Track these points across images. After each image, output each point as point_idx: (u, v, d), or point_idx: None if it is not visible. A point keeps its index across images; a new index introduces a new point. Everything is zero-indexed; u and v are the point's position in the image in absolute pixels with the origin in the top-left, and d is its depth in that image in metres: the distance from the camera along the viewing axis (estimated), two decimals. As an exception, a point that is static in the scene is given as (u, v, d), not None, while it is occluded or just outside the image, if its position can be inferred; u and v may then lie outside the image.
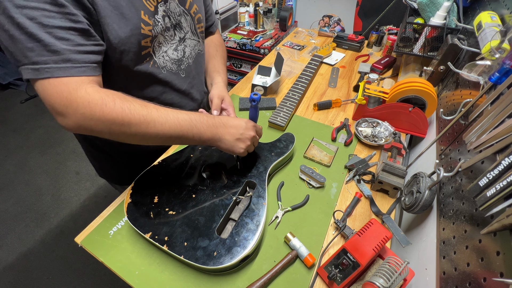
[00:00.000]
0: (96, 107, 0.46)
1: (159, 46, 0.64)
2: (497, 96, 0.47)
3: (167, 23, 0.63)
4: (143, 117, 0.49)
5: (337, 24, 1.57)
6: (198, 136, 0.55)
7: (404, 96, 0.82)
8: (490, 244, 0.37)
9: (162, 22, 0.62)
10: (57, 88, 0.45)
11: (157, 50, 0.64)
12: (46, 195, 1.79)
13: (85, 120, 0.46)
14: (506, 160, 0.35)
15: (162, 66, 0.67)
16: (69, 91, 0.45)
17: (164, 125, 0.51)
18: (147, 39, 0.59)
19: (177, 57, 0.70)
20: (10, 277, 1.41)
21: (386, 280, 0.44)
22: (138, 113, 0.49)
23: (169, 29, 0.65)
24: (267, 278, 0.53)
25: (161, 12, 0.61)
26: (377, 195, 0.71)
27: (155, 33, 0.60)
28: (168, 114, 0.52)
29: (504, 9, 0.64)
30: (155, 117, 0.50)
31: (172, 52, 0.68)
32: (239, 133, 0.59)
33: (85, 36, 0.47)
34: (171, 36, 0.66)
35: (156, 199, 0.62)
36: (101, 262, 0.58)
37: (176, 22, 0.67)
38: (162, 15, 0.61)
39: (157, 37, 0.62)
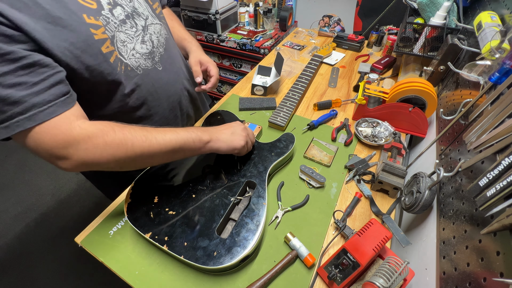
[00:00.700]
0: (98, 139, 0.45)
1: (123, 45, 0.57)
2: (497, 96, 0.47)
3: (119, 15, 0.56)
4: (144, 136, 0.49)
5: (337, 24, 1.57)
6: (198, 139, 0.55)
7: (404, 96, 0.82)
8: (490, 244, 0.37)
9: (112, 17, 0.54)
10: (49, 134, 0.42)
11: (124, 51, 0.58)
12: (46, 195, 1.79)
13: (89, 155, 0.45)
14: (506, 160, 0.35)
15: (136, 66, 0.61)
16: (63, 133, 0.43)
17: (165, 138, 0.51)
18: (106, 43, 0.52)
19: (147, 50, 0.64)
20: (10, 277, 1.41)
21: (386, 280, 0.44)
22: (139, 134, 0.49)
23: (125, 21, 0.57)
24: (267, 278, 0.53)
25: (106, 5, 0.53)
26: (377, 195, 0.71)
27: (111, 32, 0.54)
28: (165, 128, 0.53)
29: (504, 9, 0.64)
30: (155, 133, 0.51)
31: (141, 46, 0.62)
32: (231, 131, 0.63)
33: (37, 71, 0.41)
34: (131, 27, 0.59)
35: (156, 199, 0.62)
36: (101, 262, 0.58)
37: (130, 10, 0.59)
38: (109, 9, 0.54)
39: (115, 36, 0.55)
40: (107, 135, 0.46)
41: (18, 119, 0.39)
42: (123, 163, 0.49)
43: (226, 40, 1.87)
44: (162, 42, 0.69)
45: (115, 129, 0.47)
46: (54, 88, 0.43)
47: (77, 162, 0.45)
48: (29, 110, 0.40)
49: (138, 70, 0.62)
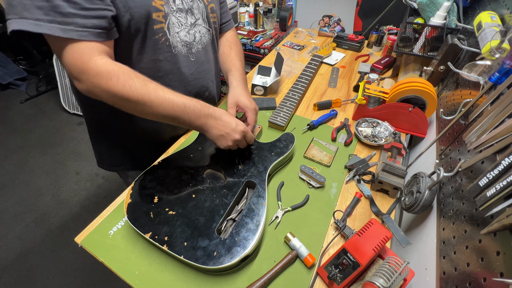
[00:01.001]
0: (102, 79, 0.51)
1: (172, 27, 0.65)
2: (497, 96, 0.47)
3: (178, 4, 0.64)
4: (141, 96, 0.54)
5: (337, 24, 1.57)
6: (188, 122, 0.60)
7: (404, 96, 0.82)
8: (490, 244, 0.37)
9: (172, 3, 0.63)
10: (73, 56, 0.50)
11: (171, 29, 0.65)
12: (46, 195, 1.79)
13: (94, 88, 0.52)
14: (506, 160, 0.35)
15: (174, 45, 0.68)
16: (82, 61, 0.50)
17: (159, 107, 0.56)
18: (159, 13, 0.60)
19: (188, 39, 0.70)
20: (10, 277, 1.41)
21: (386, 280, 0.44)
22: (137, 92, 0.53)
23: (182, 11, 0.65)
24: (267, 278, 0.53)
25: None
26: (377, 195, 0.71)
27: (168, 10, 0.61)
28: (165, 96, 0.56)
29: (504, 9, 0.64)
30: (153, 98, 0.55)
31: (185, 34, 0.68)
32: (225, 131, 0.62)
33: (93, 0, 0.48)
34: (184, 18, 0.67)
35: (156, 199, 0.62)
36: (101, 262, 0.58)
37: (188, 7, 0.67)
38: None
39: (169, 16, 0.63)
40: (111, 80, 0.52)
41: (53, 25, 0.46)
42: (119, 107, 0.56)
43: (226, 40, 1.87)
44: (204, 42, 0.75)
45: (119, 77, 0.52)
46: (98, 20, 0.50)
47: (86, 89, 0.53)
48: (67, 24, 0.47)
49: (174, 49, 0.68)
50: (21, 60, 2.85)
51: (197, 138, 0.78)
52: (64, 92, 2.34)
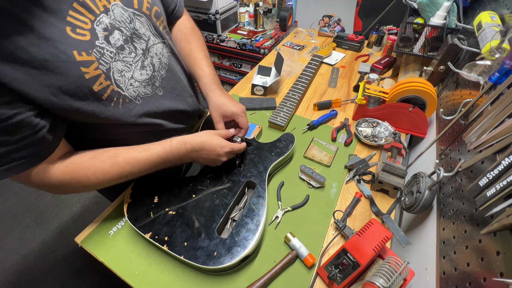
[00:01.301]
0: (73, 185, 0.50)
1: (121, 76, 0.52)
2: (497, 96, 0.47)
3: (116, 41, 0.50)
4: (118, 176, 0.52)
5: (337, 24, 1.57)
6: (174, 165, 0.58)
7: (404, 96, 0.82)
8: (490, 244, 0.37)
9: (108, 46, 0.49)
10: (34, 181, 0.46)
11: (122, 81, 0.53)
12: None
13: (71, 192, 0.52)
14: (506, 160, 0.35)
15: (135, 96, 0.57)
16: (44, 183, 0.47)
17: (141, 172, 0.54)
18: (100, 80, 0.48)
19: (147, 75, 0.59)
20: (10, 277, 1.41)
21: (386, 280, 0.44)
22: (112, 175, 0.51)
23: (123, 47, 0.52)
24: (267, 278, 0.53)
25: (101, 32, 0.48)
26: (377, 195, 0.71)
27: (106, 65, 0.49)
28: (139, 161, 0.53)
29: (504, 9, 0.64)
30: (129, 170, 0.52)
31: (140, 72, 0.57)
32: (211, 158, 0.60)
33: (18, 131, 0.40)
34: (130, 53, 0.54)
35: (156, 199, 0.62)
36: (101, 262, 0.58)
37: (130, 32, 0.53)
38: (104, 36, 0.48)
39: (111, 68, 0.50)
40: (82, 182, 0.50)
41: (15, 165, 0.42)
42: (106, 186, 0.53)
43: (226, 40, 1.87)
44: (165, 63, 0.64)
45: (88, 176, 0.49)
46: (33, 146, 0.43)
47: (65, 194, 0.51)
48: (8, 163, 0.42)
49: (137, 100, 0.58)
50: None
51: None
52: (64, 92, 2.34)
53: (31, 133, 0.42)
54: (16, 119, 0.39)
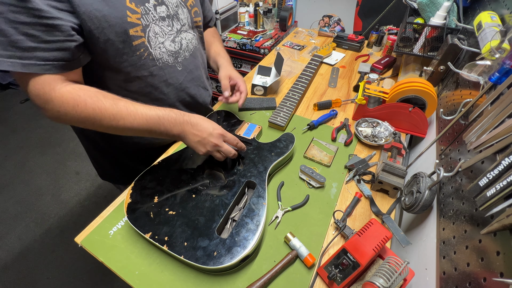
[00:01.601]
0: (69, 107, 0.50)
1: (155, 37, 0.62)
2: (497, 96, 0.47)
3: (161, 12, 0.62)
4: (112, 116, 0.53)
5: (337, 24, 1.57)
6: (165, 132, 0.58)
7: (404, 96, 0.82)
8: (490, 244, 0.37)
9: (154, 11, 0.60)
10: (36, 87, 0.48)
11: (153, 41, 0.62)
12: (46, 195, 1.79)
13: (61, 116, 0.51)
14: (506, 160, 0.35)
15: (158, 58, 0.65)
16: (45, 92, 0.49)
17: (133, 123, 0.55)
18: (136, 28, 0.57)
19: (174, 49, 0.68)
20: (10, 277, 1.41)
21: (386, 280, 0.44)
22: (108, 112, 0.53)
23: (165, 19, 0.63)
24: (267, 278, 0.53)
25: (153, 1, 0.60)
26: (377, 195, 0.71)
27: (146, 22, 0.59)
28: (137, 112, 0.55)
29: (504, 9, 0.64)
30: (125, 115, 0.54)
31: (170, 43, 0.66)
32: (202, 137, 0.59)
33: (53, 32, 0.46)
34: (167, 26, 0.64)
35: (156, 199, 0.62)
36: (101, 262, 0.58)
37: (173, 12, 0.65)
38: (154, 5, 0.60)
39: (150, 27, 0.60)
40: (78, 106, 0.51)
41: (13, 61, 0.45)
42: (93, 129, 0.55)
43: (226, 40, 1.87)
44: (190, 48, 0.74)
45: (86, 102, 0.51)
46: (60, 52, 0.48)
47: (53, 117, 0.52)
48: (28, 58, 0.45)
49: (158, 62, 0.65)
50: (21, 60, 2.84)
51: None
52: (64, 92, 2.34)
53: (62, 40, 0.47)
54: (57, 22, 0.45)
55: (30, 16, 0.43)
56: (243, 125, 0.83)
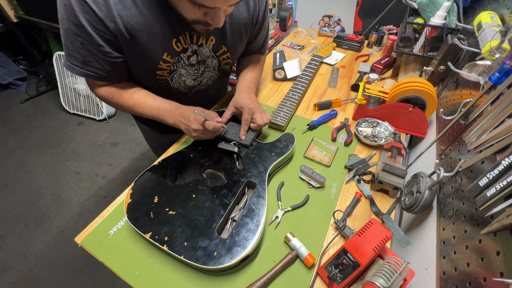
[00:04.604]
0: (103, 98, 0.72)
1: (179, 77, 0.75)
2: (497, 96, 0.47)
3: (192, 60, 0.72)
4: (128, 106, 0.72)
5: (337, 24, 1.57)
6: (164, 121, 0.73)
7: (404, 96, 0.82)
8: (490, 244, 0.37)
9: (186, 60, 0.71)
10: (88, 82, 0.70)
11: (175, 79, 0.75)
12: (46, 195, 1.79)
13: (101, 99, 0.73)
14: (506, 160, 0.35)
15: (175, 88, 0.78)
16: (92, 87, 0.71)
17: (142, 111, 0.72)
18: (163, 72, 0.70)
19: (192, 84, 0.80)
20: (10, 277, 1.41)
21: (386, 280, 0.44)
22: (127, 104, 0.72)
23: (194, 65, 0.74)
24: (267, 278, 0.53)
25: (189, 52, 0.70)
26: (377, 195, 0.71)
27: (175, 68, 0.71)
28: (146, 103, 0.72)
29: (504, 9, 0.64)
30: (136, 105, 0.72)
31: (190, 81, 0.78)
32: (187, 124, 0.69)
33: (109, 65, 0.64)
34: (194, 70, 0.76)
35: (156, 199, 0.62)
36: (101, 262, 0.58)
37: (202, 59, 0.74)
38: (188, 55, 0.71)
39: (177, 70, 0.72)
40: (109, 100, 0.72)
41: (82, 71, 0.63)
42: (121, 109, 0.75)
43: (226, 40, 1.86)
44: (209, 84, 0.84)
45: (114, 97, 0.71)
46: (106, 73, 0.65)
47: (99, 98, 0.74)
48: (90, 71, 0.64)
49: (173, 90, 0.78)
50: (21, 60, 2.84)
51: (197, 138, 0.78)
52: (64, 92, 2.34)
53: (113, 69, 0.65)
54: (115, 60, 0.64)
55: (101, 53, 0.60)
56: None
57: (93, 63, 0.62)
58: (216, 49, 0.74)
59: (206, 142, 0.76)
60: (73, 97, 2.32)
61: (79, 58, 0.61)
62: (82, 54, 0.60)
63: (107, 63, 0.63)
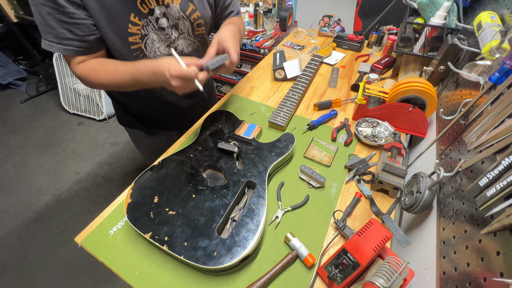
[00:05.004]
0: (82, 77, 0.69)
1: (152, 43, 0.72)
2: (497, 96, 0.47)
3: (162, 23, 0.70)
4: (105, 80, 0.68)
5: (337, 24, 1.57)
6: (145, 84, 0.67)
7: (404, 96, 0.82)
8: (490, 244, 0.37)
9: (154, 23, 0.69)
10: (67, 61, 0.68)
11: (149, 46, 0.72)
12: (46, 195, 1.79)
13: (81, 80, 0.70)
14: (506, 160, 0.35)
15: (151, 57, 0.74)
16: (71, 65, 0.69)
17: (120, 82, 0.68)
18: (135, 37, 0.68)
19: (167, 52, 0.76)
20: (10, 277, 1.41)
21: (386, 280, 0.44)
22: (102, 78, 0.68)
23: (164, 29, 0.72)
24: (267, 278, 0.53)
25: (157, 14, 0.69)
26: (377, 195, 0.71)
27: (146, 32, 0.69)
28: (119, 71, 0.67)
29: (504, 9, 0.64)
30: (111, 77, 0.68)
31: (164, 48, 0.75)
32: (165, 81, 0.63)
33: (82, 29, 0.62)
34: (165, 35, 0.73)
35: (156, 199, 0.62)
36: (101, 262, 0.58)
37: (173, 23, 0.73)
38: (156, 18, 0.69)
39: (149, 35, 0.70)
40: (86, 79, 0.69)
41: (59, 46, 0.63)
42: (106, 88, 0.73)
43: (226, 40, 1.86)
44: (186, 52, 0.81)
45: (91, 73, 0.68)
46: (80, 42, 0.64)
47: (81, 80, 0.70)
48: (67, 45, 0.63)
49: None
50: (21, 60, 2.85)
51: (197, 139, 0.78)
52: (64, 92, 2.34)
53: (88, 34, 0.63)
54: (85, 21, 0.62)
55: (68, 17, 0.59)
56: (243, 125, 0.83)
57: (66, 34, 0.61)
58: (183, 8, 0.72)
59: (206, 142, 0.76)
60: (73, 97, 2.32)
61: (52, 33, 0.60)
62: (53, 26, 0.60)
63: (79, 27, 0.61)
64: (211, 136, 0.78)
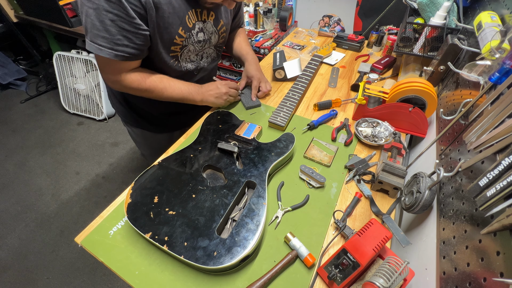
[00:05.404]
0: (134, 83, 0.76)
1: (187, 53, 0.82)
2: (497, 96, 0.47)
3: (200, 37, 0.81)
4: (159, 89, 0.80)
5: (337, 24, 1.57)
6: (192, 99, 0.85)
7: (404, 96, 0.82)
8: (490, 244, 0.37)
9: (195, 37, 0.80)
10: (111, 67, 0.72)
11: (184, 55, 0.82)
12: (46, 195, 1.79)
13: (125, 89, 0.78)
14: (506, 160, 0.35)
15: (184, 66, 0.86)
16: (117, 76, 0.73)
17: (173, 93, 0.82)
18: (176, 47, 0.77)
19: (195, 59, 0.88)
20: (10, 277, 1.41)
21: (386, 280, 0.44)
22: (158, 86, 0.79)
23: (201, 42, 0.83)
24: (267, 278, 0.53)
25: (197, 28, 0.79)
26: (377, 195, 0.71)
27: (186, 43, 0.79)
28: (176, 86, 0.82)
29: (504, 9, 0.64)
30: (167, 87, 0.80)
31: (194, 56, 0.86)
32: (216, 92, 0.87)
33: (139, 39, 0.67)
34: (200, 46, 0.84)
35: (156, 199, 0.62)
36: (101, 262, 0.58)
37: (208, 37, 0.84)
38: (197, 31, 0.79)
39: (188, 46, 0.80)
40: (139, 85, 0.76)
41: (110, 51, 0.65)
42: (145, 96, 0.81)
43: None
44: (209, 60, 0.93)
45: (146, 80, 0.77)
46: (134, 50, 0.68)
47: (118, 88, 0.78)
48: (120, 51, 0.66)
49: (183, 68, 0.85)
50: (21, 60, 2.84)
51: (197, 139, 0.78)
52: (64, 92, 2.34)
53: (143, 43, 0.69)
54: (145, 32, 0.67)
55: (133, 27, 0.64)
56: (243, 125, 0.83)
57: (122, 41, 0.64)
58: (216, 23, 0.84)
59: (206, 142, 0.76)
60: (73, 97, 2.32)
61: (108, 38, 0.63)
62: (112, 32, 0.62)
63: (138, 36, 0.66)
64: (211, 136, 0.78)
